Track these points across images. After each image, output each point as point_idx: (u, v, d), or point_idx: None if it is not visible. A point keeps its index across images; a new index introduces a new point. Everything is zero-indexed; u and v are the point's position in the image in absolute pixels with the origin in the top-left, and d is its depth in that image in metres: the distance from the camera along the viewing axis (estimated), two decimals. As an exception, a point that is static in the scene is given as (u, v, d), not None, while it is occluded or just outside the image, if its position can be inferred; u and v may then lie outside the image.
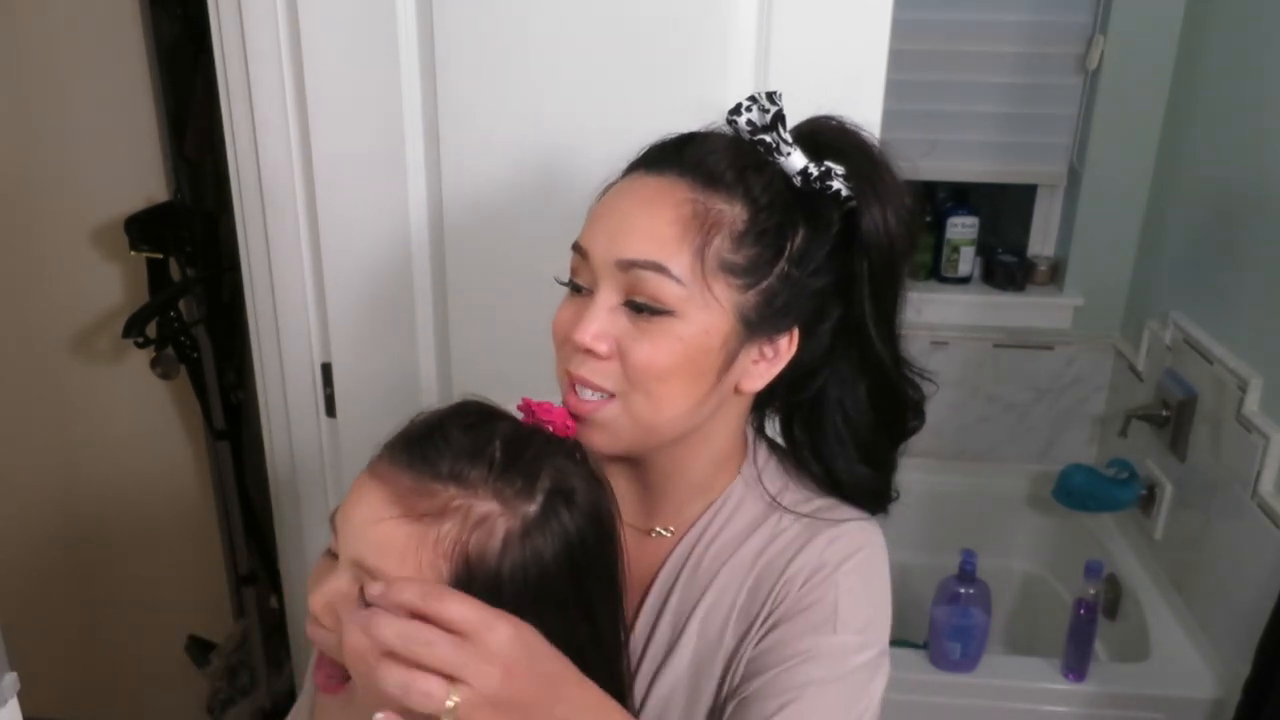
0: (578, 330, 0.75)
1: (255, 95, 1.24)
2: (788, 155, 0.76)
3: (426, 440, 0.69)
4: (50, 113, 1.72)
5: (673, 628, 0.84)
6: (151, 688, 2.13)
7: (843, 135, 0.79)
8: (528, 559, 0.68)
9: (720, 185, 0.75)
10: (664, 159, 0.78)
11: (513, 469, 0.69)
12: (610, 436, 0.78)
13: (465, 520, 0.67)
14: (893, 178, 0.78)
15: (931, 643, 1.77)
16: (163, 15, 1.72)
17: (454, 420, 0.71)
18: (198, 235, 1.79)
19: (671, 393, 0.76)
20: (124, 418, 1.92)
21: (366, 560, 0.67)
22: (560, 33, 1.17)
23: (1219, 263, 1.93)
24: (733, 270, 0.74)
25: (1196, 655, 1.80)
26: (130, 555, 2.02)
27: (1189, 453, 1.94)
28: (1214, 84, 1.99)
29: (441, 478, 0.67)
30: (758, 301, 0.76)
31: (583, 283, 0.78)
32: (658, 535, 0.87)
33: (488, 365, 1.31)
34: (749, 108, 0.78)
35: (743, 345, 0.77)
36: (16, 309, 1.85)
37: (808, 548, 0.82)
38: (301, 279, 1.32)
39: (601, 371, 0.76)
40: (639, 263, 0.74)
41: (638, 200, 0.76)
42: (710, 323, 0.75)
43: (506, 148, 1.22)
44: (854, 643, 0.79)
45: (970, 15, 2.22)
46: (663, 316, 0.74)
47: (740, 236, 0.74)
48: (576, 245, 0.79)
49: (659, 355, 0.74)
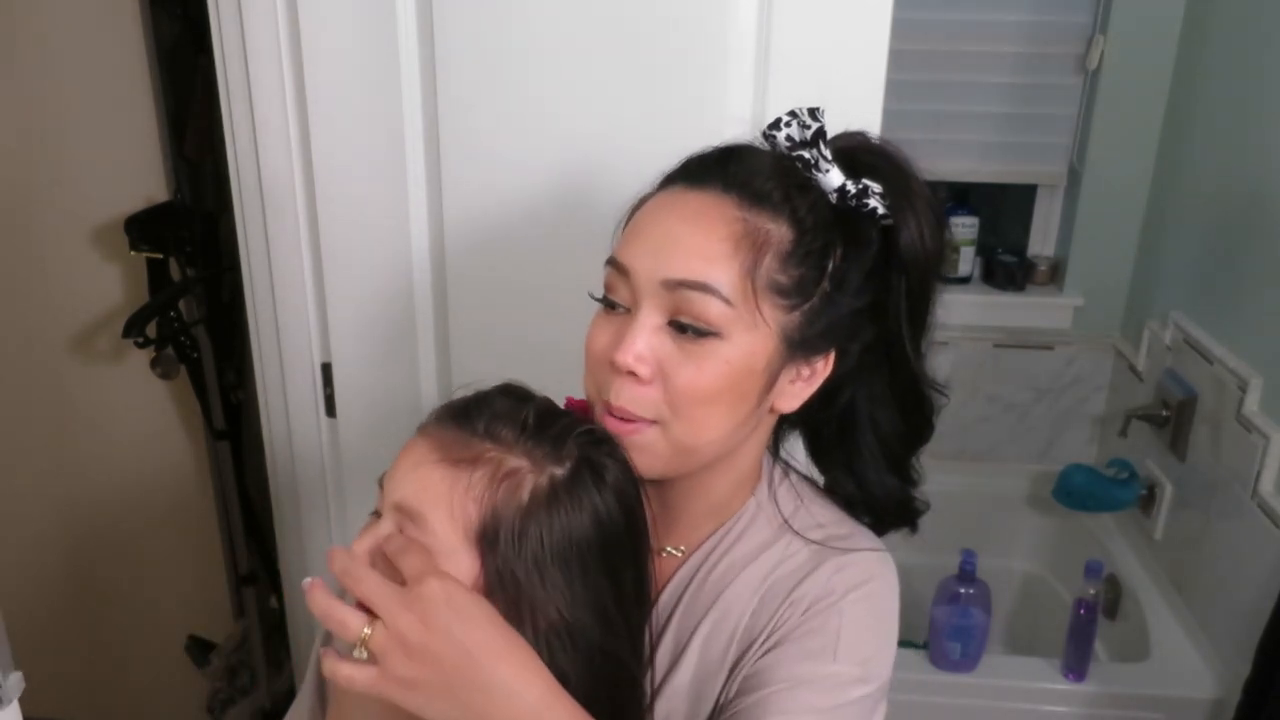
0: (619, 351, 0.73)
1: (255, 95, 1.24)
2: (826, 172, 0.75)
3: (471, 404, 0.75)
4: (50, 113, 1.72)
5: (675, 645, 0.83)
6: (151, 688, 2.13)
7: (877, 152, 0.78)
8: (552, 517, 0.70)
9: (767, 204, 0.73)
10: (706, 173, 0.76)
11: (543, 434, 0.72)
12: (647, 459, 0.76)
13: (496, 471, 0.70)
14: (925, 193, 0.77)
15: (931, 643, 1.77)
16: (163, 15, 1.72)
17: (498, 391, 0.77)
18: (198, 235, 1.79)
19: (714, 416, 0.75)
20: (124, 418, 1.92)
21: (407, 501, 0.71)
22: (560, 31, 1.17)
23: (1219, 262, 1.93)
24: (780, 290, 0.73)
25: (1196, 655, 1.80)
26: (130, 555, 2.02)
27: (1189, 453, 1.94)
28: (1214, 84, 1.99)
29: (479, 434, 0.72)
30: (801, 322, 0.75)
31: (620, 300, 0.76)
32: (668, 554, 0.86)
33: (488, 364, 1.30)
34: (788, 123, 0.76)
35: (783, 366, 0.76)
36: (16, 309, 1.85)
37: (816, 572, 0.81)
38: (301, 279, 1.32)
39: (642, 401, 0.74)
40: (687, 282, 0.72)
41: (683, 216, 0.74)
42: (755, 344, 0.74)
43: (506, 146, 1.22)
44: (853, 674, 0.78)
45: (970, 15, 2.22)
46: (708, 338, 0.72)
47: (787, 257, 0.73)
48: (614, 261, 0.76)
49: (704, 378, 0.73)
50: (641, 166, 0.79)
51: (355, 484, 1.40)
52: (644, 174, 0.82)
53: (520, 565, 0.69)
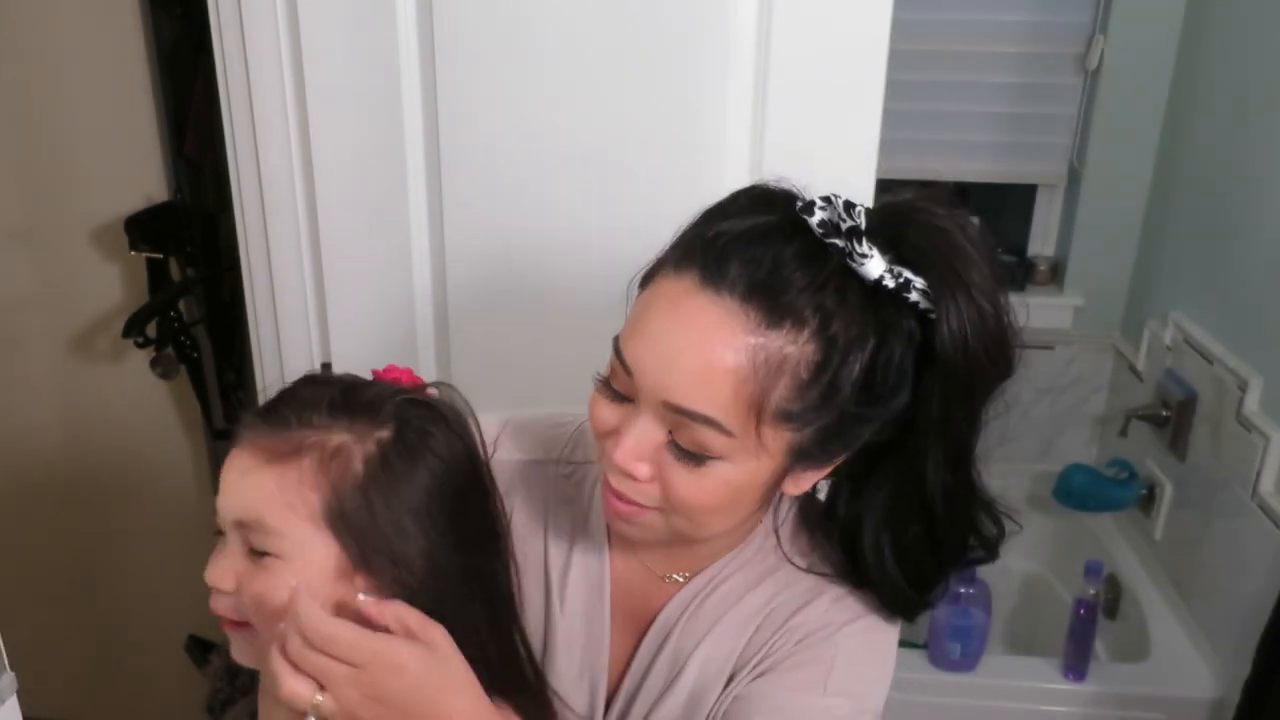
0: (619, 453, 0.71)
1: (255, 95, 1.24)
2: (861, 265, 0.67)
3: (275, 402, 0.75)
4: (50, 113, 1.71)
5: (670, 668, 0.83)
6: (151, 688, 2.12)
7: (930, 236, 0.69)
8: (394, 479, 0.70)
9: (789, 320, 0.66)
10: (722, 271, 0.67)
11: (356, 405, 0.72)
12: (644, 533, 0.76)
13: (322, 453, 0.70)
14: (983, 282, 0.68)
15: (931, 643, 1.77)
16: (163, 16, 1.72)
17: (300, 383, 0.76)
18: (198, 235, 1.79)
19: (714, 521, 0.75)
20: (124, 418, 1.92)
21: (245, 516, 0.71)
22: (560, 32, 1.17)
23: (1219, 263, 1.92)
24: (789, 418, 0.68)
25: (1196, 655, 1.80)
26: (130, 555, 2.02)
27: (1189, 453, 1.94)
28: (1214, 84, 1.99)
29: (293, 426, 0.71)
30: (814, 438, 0.70)
31: (622, 390, 0.72)
32: (672, 580, 0.85)
33: (487, 363, 1.31)
34: (823, 207, 0.68)
35: (790, 470, 0.73)
36: (16, 309, 1.85)
37: (815, 602, 0.80)
38: (301, 279, 1.32)
39: (641, 491, 0.73)
40: (688, 412, 0.68)
41: (691, 333, 0.67)
42: (760, 465, 0.71)
43: (506, 146, 1.22)
44: (844, 709, 0.77)
45: (970, 15, 2.22)
46: (710, 461, 0.70)
47: (805, 384, 0.67)
48: (619, 352, 0.71)
49: (703, 494, 0.71)
50: (641, 166, 0.79)
51: (355, 484, 1.39)
52: (644, 173, 0.81)
53: (376, 532, 0.70)
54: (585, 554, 0.86)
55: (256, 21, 1.21)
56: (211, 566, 0.73)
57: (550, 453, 0.90)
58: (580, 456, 0.90)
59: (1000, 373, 0.71)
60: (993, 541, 0.79)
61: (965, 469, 0.75)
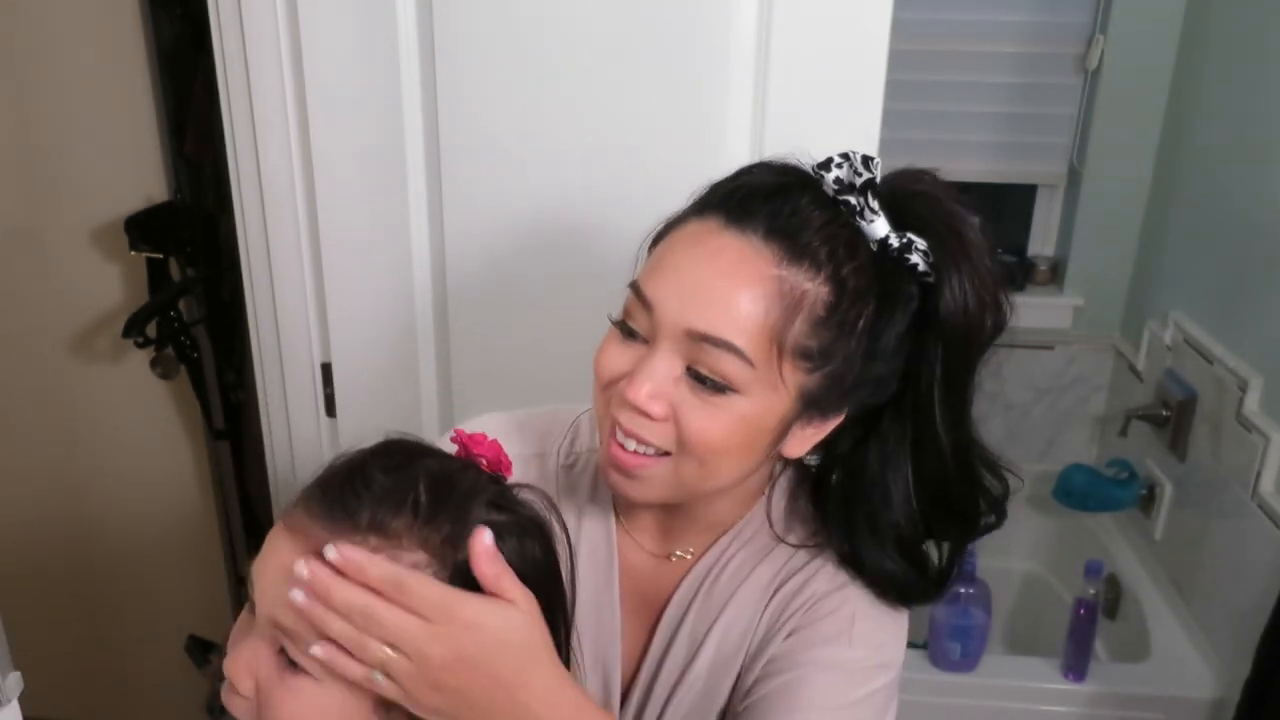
0: (632, 389, 0.71)
1: (255, 95, 1.24)
2: (871, 222, 0.71)
3: (346, 486, 0.64)
4: (50, 113, 1.71)
5: (688, 647, 0.83)
6: (151, 688, 2.12)
7: (932, 205, 0.73)
8: None
9: (807, 259, 0.70)
10: (749, 214, 0.71)
11: (440, 515, 0.63)
12: (648, 490, 0.76)
13: None
14: (980, 257, 0.72)
15: (931, 643, 1.77)
16: (163, 15, 1.72)
17: (375, 462, 0.65)
18: (198, 235, 1.80)
19: (723, 465, 0.75)
20: (124, 418, 1.92)
21: (283, 621, 0.62)
22: (560, 32, 1.17)
23: (1219, 262, 1.92)
24: (806, 355, 0.71)
25: (1196, 655, 1.80)
26: (130, 555, 2.02)
27: (1189, 453, 1.94)
28: (1214, 84, 1.99)
29: (361, 529, 0.62)
30: (823, 383, 0.72)
31: (639, 329, 0.73)
32: (677, 558, 0.86)
33: (487, 364, 1.31)
34: (840, 164, 0.72)
35: (797, 420, 0.75)
36: (17, 309, 1.85)
37: (823, 568, 0.81)
38: (301, 279, 1.32)
39: (654, 430, 0.73)
40: (711, 338, 0.69)
41: (716, 263, 0.70)
42: (773, 403, 0.72)
43: (507, 146, 1.22)
44: (870, 660, 0.78)
45: (970, 15, 2.22)
46: (726, 393, 0.71)
47: (820, 321, 0.70)
48: (637, 289, 0.73)
49: (716, 430, 0.72)
50: (641, 166, 0.79)
51: (355, 484, 1.39)
52: (643, 173, 0.81)
53: None
54: (591, 542, 0.87)
55: (256, 21, 1.21)
56: (233, 656, 0.64)
57: (550, 445, 0.91)
58: (580, 446, 0.90)
59: (996, 330, 0.75)
60: (999, 499, 0.81)
61: (967, 427, 0.78)
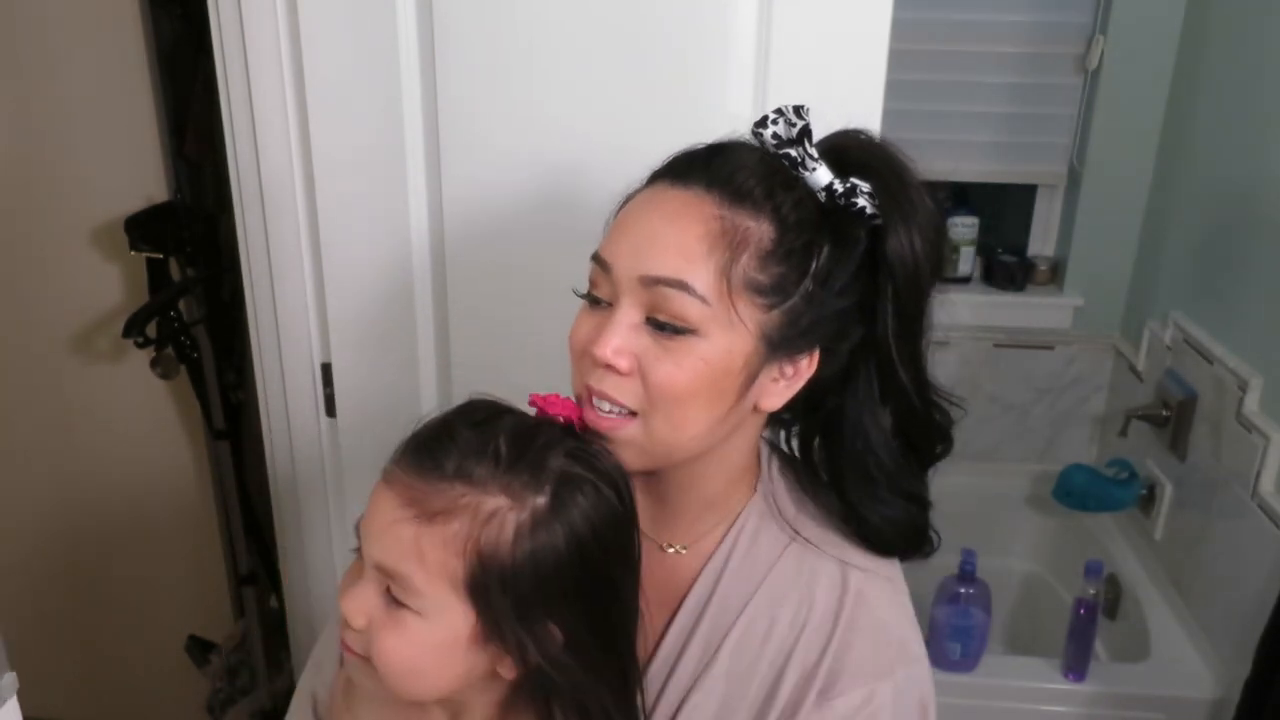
0: (598, 345, 0.74)
1: (255, 95, 1.24)
2: (813, 170, 0.75)
3: (434, 441, 0.71)
4: (50, 113, 1.72)
5: (703, 651, 0.83)
6: (151, 688, 2.13)
7: (870, 151, 0.78)
8: (540, 551, 0.69)
9: (748, 201, 0.73)
10: (690, 171, 0.76)
11: (520, 462, 0.70)
12: (629, 454, 0.77)
13: (475, 517, 0.68)
14: (921, 197, 0.76)
15: (931, 643, 1.77)
16: (163, 15, 1.72)
17: (460, 419, 0.73)
18: (198, 235, 1.79)
19: (692, 414, 0.75)
20: (124, 418, 1.92)
21: (386, 564, 0.69)
22: (560, 30, 1.17)
23: (1219, 262, 1.93)
24: (758, 289, 0.73)
25: (1196, 655, 1.80)
26: (130, 555, 2.02)
27: (1189, 453, 1.94)
28: (1214, 84, 1.99)
29: (449, 477, 0.69)
30: (781, 321, 0.74)
31: (602, 295, 0.77)
32: (674, 552, 0.86)
33: (488, 364, 1.31)
34: (775, 120, 0.76)
35: (764, 365, 0.76)
36: (16, 309, 1.85)
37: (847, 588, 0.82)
38: (301, 279, 1.32)
39: (622, 387, 0.75)
40: (663, 280, 0.72)
41: (663, 214, 0.75)
42: (733, 343, 0.74)
43: (506, 147, 1.22)
44: (923, 661, 0.85)
45: (970, 15, 2.22)
46: (685, 336, 0.73)
47: (767, 255, 0.73)
48: (597, 257, 0.77)
49: (680, 375, 0.73)
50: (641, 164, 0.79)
51: (355, 484, 1.39)
52: (643, 172, 0.82)
53: (515, 604, 0.68)
54: None
55: (256, 21, 1.21)
56: (348, 596, 0.71)
57: None
58: None
59: (940, 268, 0.79)
60: (946, 430, 0.84)
61: (922, 364, 0.81)
